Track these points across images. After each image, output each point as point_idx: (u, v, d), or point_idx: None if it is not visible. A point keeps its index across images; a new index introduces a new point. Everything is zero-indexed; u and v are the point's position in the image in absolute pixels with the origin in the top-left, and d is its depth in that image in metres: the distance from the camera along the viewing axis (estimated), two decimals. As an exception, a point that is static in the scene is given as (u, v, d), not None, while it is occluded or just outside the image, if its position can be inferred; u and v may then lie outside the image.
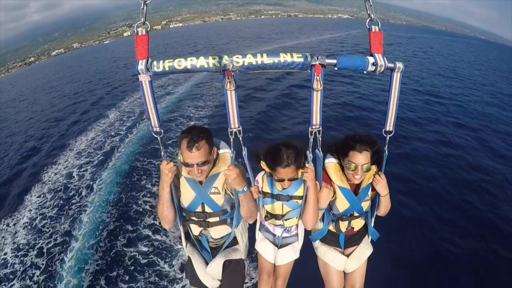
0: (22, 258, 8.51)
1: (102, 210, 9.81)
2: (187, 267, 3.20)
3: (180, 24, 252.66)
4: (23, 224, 9.86)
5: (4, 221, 10.16)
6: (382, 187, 2.71)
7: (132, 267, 7.76)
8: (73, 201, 10.58)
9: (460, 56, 51.27)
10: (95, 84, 31.67)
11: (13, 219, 10.28)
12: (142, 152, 13.24)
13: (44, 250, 8.66)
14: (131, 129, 16.24)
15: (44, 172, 13.06)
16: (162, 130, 2.37)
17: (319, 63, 2.08)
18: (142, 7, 2.05)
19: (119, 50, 74.52)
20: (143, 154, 13.00)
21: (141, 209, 9.67)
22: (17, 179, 13.28)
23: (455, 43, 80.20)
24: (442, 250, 7.93)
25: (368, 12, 2.10)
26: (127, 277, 7.50)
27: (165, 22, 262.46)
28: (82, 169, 12.64)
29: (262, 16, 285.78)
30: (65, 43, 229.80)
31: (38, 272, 7.99)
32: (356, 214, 2.94)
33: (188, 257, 3.11)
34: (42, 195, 11.23)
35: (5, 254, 8.76)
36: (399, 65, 2.15)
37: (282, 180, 2.69)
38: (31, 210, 10.46)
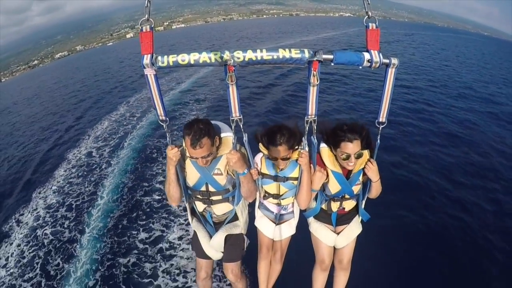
0: (53, 213, 10.43)
1: (121, 176, 11.86)
2: (193, 240, 3.53)
3: (183, 25, 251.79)
4: (53, 190, 11.83)
5: (37, 190, 12.14)
6: (373, 173, 2.87)
7: (148, 210, 9.87)
8: (95, 172, 12.61)
9: (460, 51, 51.71)
10: (105, 83, 33.59)
11: (43, 188, 12.25)
12: (152, 134, 15.32)
13: (73, 206, 10.60)
14: (142, 118, 18.28)
15: (68, 152, 15.23)
16: (167, 118, 2.54)
17: (316, 59, 2.15)
18: (146, 5, 2.12)
19: (124, 51, 75.20)
20: (154, 135, 15.09)
21: (154, 172, 11.75)
22: (45, 159, 15.42)
23: (456, 39, 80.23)
24: (430, 235, 8.39)
25: (366, 10, 2.14)
26: (144, 217, 9.55)
27: (167, 23, 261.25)
28: (101, 150, 14.71)
29: (264, 16, 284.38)
30: (68, 46, 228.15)
31: (67, 222, 9.85)
32: (347, 196, 3.12)
33: (194, 231, 3.42)
34: (68, 169, 13.34)
35: (38, 212, 10.69)
36: (394, 61, 2.22)
37: (275, 159, 2.88)
38: (59, 181, 12.50)
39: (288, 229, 3.43)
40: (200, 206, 3.25)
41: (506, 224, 8.81)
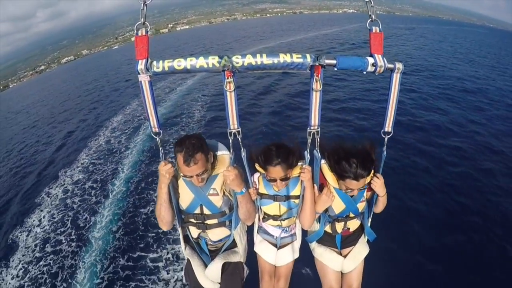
0: (81, 186, 12.30)
1: (139, 154, 13.62)
2: (186, 269, 3.21)
3: (187, 27, 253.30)
4: (78, 168, 13.61)
5: (62, 170, 13.83)
6: (380, 188, 2.70)
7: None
8: (115, 154, 14.35)
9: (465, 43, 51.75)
10: (116, 82, 35.33)
11: (70, 169, 13.98)
12: (164, 123, 16.69)
13: (98, 179, 12.39)
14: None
15: (89, 140, 16.94)
16: (161, 131, 2.40)
17: (318, 64, 2.08)
18: (142, 8, 2.07)
19: (131, 54, 75.87)
20: (166, 124, 16.63)
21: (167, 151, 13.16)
22: (70, 146, 17.36)
23: (457, 32, 79.61)
24: (439, 249, 8.11)
25: (369, 13, 2.10)
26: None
27: (171, 25, 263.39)
28: (118, 138, 16.45)
29: (267, 15, 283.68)
30: (74, 50, 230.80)
31: (94, 191, 11.64)
32: (352, 215, 2.94)
33: (187, 259, 3.13)
34: (89, 155, 14.97)
35: (65, 186, 12.41)
36: (399, 65, 2.14)
37: (274, 180, 2.72)
38: (83, 163, 14.24)
39: (291, 253, 3.23)
40: (194, 232, 3.02)
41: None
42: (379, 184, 2.68)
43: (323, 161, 2.75)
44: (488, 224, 8.88)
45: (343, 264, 3.10)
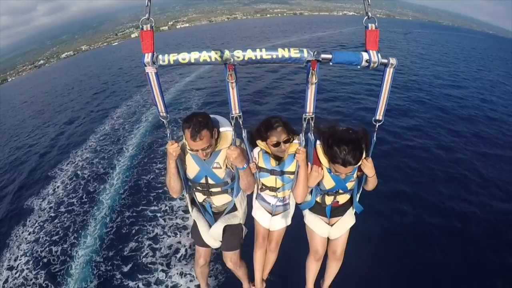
0: (90, 161, 13.65)
1: (142, 136, 15.07)
2: (193, 229, 3.60)
3: (187, 25, 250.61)
4: (83, 160, 14.53)
5: (64, 162, 14.82)
6: (369, 169, 2.86)
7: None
8: (120, 139, 15.71)
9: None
10: (118, 76, 36.54)
11: (80, 148, 15.46)
12: (169, 109, 18.03)
13: (106, 157, 13.80)
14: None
15: (99, 125, 18.38)
16: (168, 115, 2.57)
17: (314, 58, 2.14)
18: (146, 4, 2.12)
19: (131, 50, 75.42)
20: (171, 109, 17.84)
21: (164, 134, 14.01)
22: (76, 132, 18.71)
23: (451, 37, 79.91)
24: (423, 230, 8.38)
25: (366, 11, 2.13)
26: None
27: (171, 22, 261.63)
28: (124, 124, 17.87)
29: (268, 15, 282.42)
30: (73, 46, 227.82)
31: (101, 166, 13.02)
32: (341, 191, 3.14)
33: (194, 220, 3.50)
34: (98, 140, 16.27)
35: (76, 163, 13.87)
36: (392, 61, 2.21)
37: (278, 144, 2.96)
38: (91, 144, 15.67)
39: (284, 220, 3.53)
40: (200, 197, 3.34)
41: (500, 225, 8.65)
42: (368, 167, 2.86)
43: (318, 142, 2.93)
44: (475, 208, 9.17)
45: (330, 232, 3.38)
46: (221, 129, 3.00)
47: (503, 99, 20.39)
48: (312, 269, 3.61)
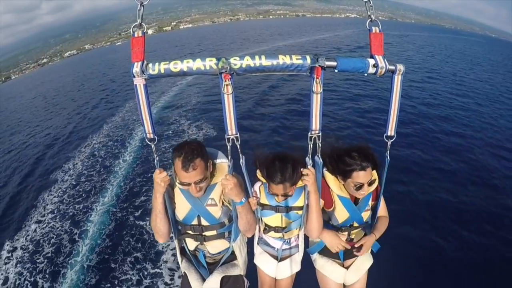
0: (106, 143, 15.35)
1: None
2: (183, 284, 3.06)
3: (190, 25, 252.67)
4: (86, 156, 15.72)
5: (90, 135, 16.69)
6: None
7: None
8: (129, 128, 17.37)
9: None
10: (123, 76, 37.45)
11: (97, 134, 17.18)
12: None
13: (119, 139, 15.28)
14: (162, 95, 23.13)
15: (104, 123, 19.33)
16: (156, 137, 2.31)
17: (318, 65, 2.01)
18: (138, 9, 2.00)
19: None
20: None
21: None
22: (80, 129, 19.78)
23: (448, 40, 79.59)
24: (444, 259, 7.95)
25: (369, 13, 2.06)
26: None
27: (174, 23, 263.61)
28: (133, 117, 19.25)
29: (271, 17, 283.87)
30: (76, 45, 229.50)
31: (111, 160, 14.08)
32: (355, 224, 2.83)
33: (184, 273, 3.00)
34: (102, 136, 17.33)
35: (93, 145, 15.46)
36: (400, 67, 2.10)
37: (276, 195, 2.65)
38: (94, 146, 16.46)
39: (292, 265, 3.10)
40: (191, 244, 2.90)
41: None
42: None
43: (324, 169, 2.69)
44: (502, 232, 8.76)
45: (346, 276, 3.01)
46: (216, 161, 2.67)
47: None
48: None
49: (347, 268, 3.03)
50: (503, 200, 10.07)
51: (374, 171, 2.66)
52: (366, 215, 2.81)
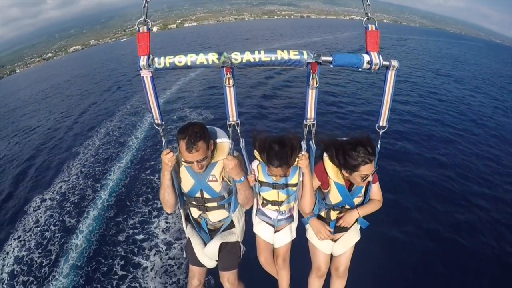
0: (110, 137, 16.10)
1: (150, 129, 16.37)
2: (187, 247, 3.36)
3: (195, 24, 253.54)
4: (103, 135, 16.75)
5: (98, 125, 18.04)
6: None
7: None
8: (139, 114, 18.63)
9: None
10: (128, 71, 37.74)
11: (104, 126, 18.27)
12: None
13: (121, 135, 16.27)
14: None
15: (108, 120, 19.57)
16: (163, 122, 2.45)
17: (315, 61, 2.09)
18: (143, 5, 2.09)
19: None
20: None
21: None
22: (82, 127, 19.89)
23: (447, 44, 77.04)
24: (430, 245, 8.05)
25: (366, 11, 2.12)
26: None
27: (179, 21, 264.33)
28: (137, 108, 20.36)
29: (275, 17, 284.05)
30: (81, 40, 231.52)
31: (112, 149, 14.73)
32: (347, 206, 3.00)
33: (188, 238, 3.28)
34: (106, 132, 17.61)
35: (100, 136, 16.64)
36: (394, 63, 2.17)
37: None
38: (106, 132, 17.25)
39: (288, 234, 3.34)
40: (195, 212, 3.17)
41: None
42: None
43: (325, 154, 2.85)
44: (491, 225, 8.80)
45: (334, 248, 3.22)
46: (217, 140, 2.84)
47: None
48: (314, 286, 3.43)
49: (335, 241, 3.24)
50: (495, 194, 10.21)
51: None
52: (357, 200, 2.99)
